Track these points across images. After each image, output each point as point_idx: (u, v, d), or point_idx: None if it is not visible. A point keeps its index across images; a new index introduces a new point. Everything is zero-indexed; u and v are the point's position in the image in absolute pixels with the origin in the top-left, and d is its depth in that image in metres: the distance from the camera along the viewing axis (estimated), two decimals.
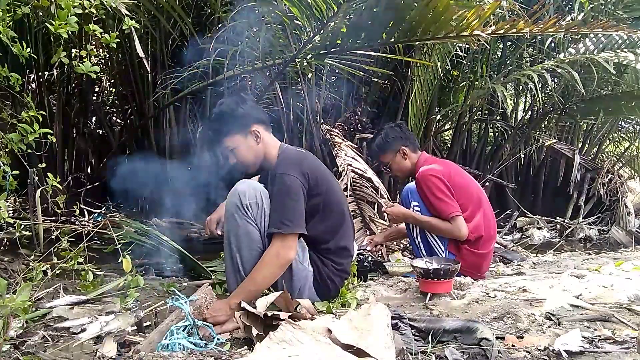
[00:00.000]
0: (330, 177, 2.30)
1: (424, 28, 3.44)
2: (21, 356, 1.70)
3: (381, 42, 3.81)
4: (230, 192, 2.12)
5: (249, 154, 2.23)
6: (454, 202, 2.74)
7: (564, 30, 3.52)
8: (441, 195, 2.73)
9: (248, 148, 2.22)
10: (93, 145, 5.67)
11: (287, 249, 2.03)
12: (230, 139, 2.21)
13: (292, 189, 2.07)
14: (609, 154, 6.97)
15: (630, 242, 4.69)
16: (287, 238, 2.03)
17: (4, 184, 2.16)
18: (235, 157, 2.24)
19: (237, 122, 2.21)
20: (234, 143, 2.21)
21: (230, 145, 2.22)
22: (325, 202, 2.18)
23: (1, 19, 1.95)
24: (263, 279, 2.01)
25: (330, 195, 2.21)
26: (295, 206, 2.06)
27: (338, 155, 4.28)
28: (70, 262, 2.18)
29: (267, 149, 2.25)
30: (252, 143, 2.23)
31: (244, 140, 2.22)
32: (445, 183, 2.75)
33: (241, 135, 2.21)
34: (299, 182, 2.09)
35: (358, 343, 1.53)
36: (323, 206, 2.17)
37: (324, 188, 2.18)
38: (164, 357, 1.63)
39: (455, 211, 2.72)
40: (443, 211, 2.73)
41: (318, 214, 2.17)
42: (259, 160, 2.26)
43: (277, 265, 2.02)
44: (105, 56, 5.67)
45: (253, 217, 2.07)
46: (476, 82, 5.66)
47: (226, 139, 2.21)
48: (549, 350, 1.65)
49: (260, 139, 2.23)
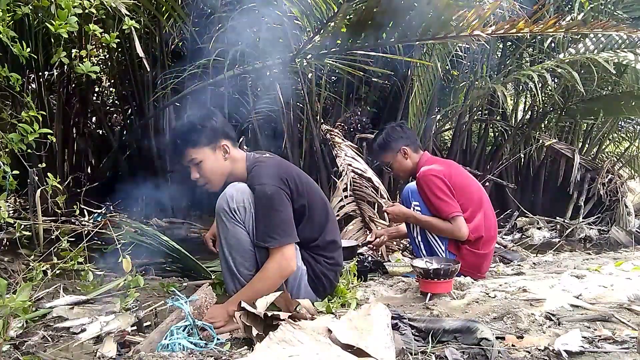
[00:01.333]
0: (305, 176, 2.26)
1: (424, 28, 3.44)
2: (21, 356, 1.70)
3: (381, 42, 3.81)
4: (220, 196, 2.09)
5: (216, 170, 2.15)
6: (454, 202, 2.74)
7: (564, 30, 3.52)
8: (442, 195, 2.73)
9: (215, 163, 2.14)
10: (93, 145, 5.67)
11: (288, 260, 2.02)
12: (198, 151, 2.11)
13: (276, 199, 2.03)
14: (609, 154, 6.96)
15: (630, 242, 4.69)
16: (285, 250, 2.02)
17: (4, 184, 2.16)
18: (199, 171, 2.14)
19: (207, 134, 2.12)
20: (201, 155, 2.11)
21: (196, 158, 2.11)
22: (309, 202, 2.16)
23: (1, 19, 1.95)
24: (267, 290, 1.97)
25: (311, 194, 2.20)
26: (283, 216, 2.03)
27: (338, 155, 4.28)
28: (70, 262, 2.18)
29: (234, 164, 2.18)
30: (220, 158, 2.15)
31: (211, 154, 2.13)
32: (445, 183, 2.76)
33: (209, 149, 2.12)
34: (281, 190, 2.05)
35: (358, 343, 1.53)
36: (308, 207, 2.16)
37: (305, 188, 2.16)
38: (164, 357, 1.63)
39: (455, 211, 2.72)
40: (443, 211, 2.73)
41: (305, 215, 2.15)
42: (224, 178, 2.17)
43: (280, 277, 2.01)
44: (105, 56, 5.67)
45: (241, 220, 2.04)
46: (476, 82, 5.65)
47: (193, 150, 2.11)
48: (549, 350, 1.65)
49: (228, 154, 2.16)
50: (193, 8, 4.51)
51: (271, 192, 2.03)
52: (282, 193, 2.05)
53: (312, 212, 2.18)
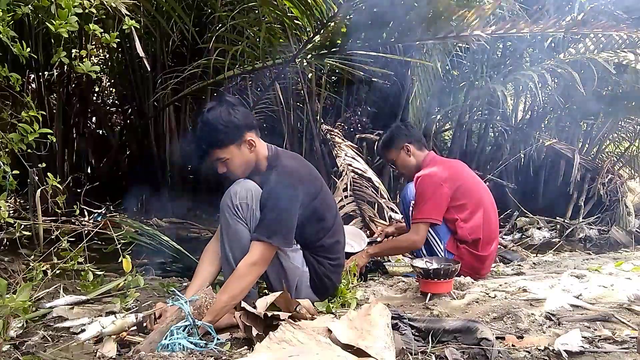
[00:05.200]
0: (320, 178, 2.27)
1: (424, 28, 3.44)
2: (21, 356, 1.70)
3: (381, 42, 3.81)
4: (225, 192, 2.11)
5: (242, 164, 2.14)
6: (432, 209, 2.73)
7: (564, 30, 3.52)
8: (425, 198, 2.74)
9: (241, 158, 2.12)
10: (93, 145, 5.67)
11: (265, 260, 2.02)
12: (224, 151, 2.09)
13: (289, 201, 2.04)
14: (609, 154, 6.95)
15: (630, 242, 4.70)
16: (271, 249, 2.02)
17: (4, 184, 2.16)
18: (226, 167, 2.13)
19: (231, 133, 2.08)
20: (228, 154, 2.10)
21: (223, 157, 2.10)
22: (322, 204, 2.18)
23: (1, 19, 1.95)
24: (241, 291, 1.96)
25: (325, 196, 2.21)
26: (289, 219, 2.05)
27: (338, 155, 4.28)
28: (70, 262, 2.18)
29: (259, 155, 2.17)
30: (246, 152, 2.13)
31: (237, 150, 2.11)
32: (439, 188, 2.74)
33: (235, 146, 2.10)
34: (297, 193, 2.06)
35: (358, 343, 1.53)
36: (320, 209, 2.17)
37: (320, 191, 2.17)
38: (164, 357, 1.63)
39: (424, 217, 2.73)
40: (415, 214, 2.78)
41: (315, 216, 2.16)
42: (250, 169, 2.17)
43: (254, 275, 2.00)
44: (105, 56, 5.67)
45: (243, 217, 2.05)
46: (476, 82, 5.65)
47: (219, 150, 2.09)
48: (549, 350, 1.65)
49: (254, 147, 2.14)
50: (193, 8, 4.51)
51: (288, 193, 2.04)
52: (297, 196, 2.06)
53: (323, 214, 2.19)
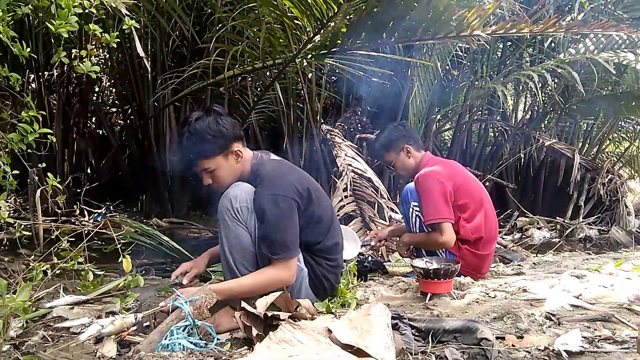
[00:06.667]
0: (314, 183, 2.24)
1: (424, 28, 3.44)
2: (21, 356, 1.70)
3: (381, 42, 3.80)
4: (223, 194, 2.08)
5: (229, 175, 2.12)
6: (445, 208, 2.70)
7: (564, 30, 3.52)
8: (433, 197, 2.71)
9: (228, 168, 2.11)
10: (93, 145, 5.67)
11: (290, 274, 2.02)
12: (211, 161, 2.07)
13: (287, 211, 2.02)
14: (609, 154, 6.96)
15: (630, 242, 4.70)
16: (290, 263, 2.02)
17: (4, 184, 2.16)
18: (212, 178, 2.11)
19: (218, 144, 2.06)
20: (214, 164, 2.08)
21: (209, 167, 2.08)
22: (318, 210, 2.16)
23: (1, 19, 1.95)
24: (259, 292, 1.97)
25: (321, 202, 2.19)
26: (292, 230, 2.03)
27: (338, 155, 4.28)
28: (70, 262, 2.18)
29: (245, 165, 2.16)
30: (232, 162, 2.11)
31: (224, 161, 2.09)
32: (443, 187, 2.73)
33: (222, 157, 2.08)
34: (292, 200, 2.04)
35: (358, 343, 1.53)
36: (317, 213, 2.15)
37: (315, 195, 2.15)
38: (164, 357, 1.63)
39: (440, 217, 2.69)
40: (429, 214, 2.72)
41: (312, 221, 2.15)
42: (236, 179, 2.14)
43: (276, 286, 1.99)
44: (105, 56, 5.67)
45: (243, 220, 2.03)
46: (476, 82, 5.65)
47: (206, 160, 2.07)
48: (549, 350, 1.65)
49: (241, 158, 2.12)
50: (193, 8, 4.51)
51: (283, 203, 2.02)
52: (293, 204, 2.04)
53: (320, 219, 2.17)
